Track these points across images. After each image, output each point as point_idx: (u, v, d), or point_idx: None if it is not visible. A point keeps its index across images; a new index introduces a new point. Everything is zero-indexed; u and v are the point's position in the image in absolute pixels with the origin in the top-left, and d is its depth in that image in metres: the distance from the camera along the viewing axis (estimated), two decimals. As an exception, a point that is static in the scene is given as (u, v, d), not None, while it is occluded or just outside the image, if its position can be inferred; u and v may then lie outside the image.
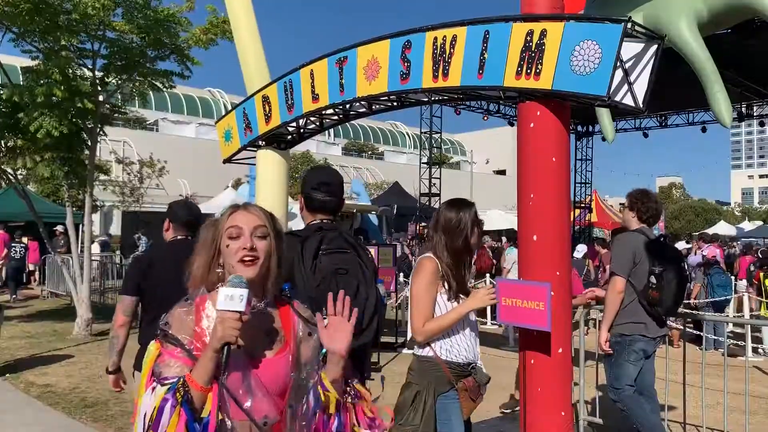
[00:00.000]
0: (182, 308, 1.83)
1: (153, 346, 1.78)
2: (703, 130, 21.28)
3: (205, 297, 1.84)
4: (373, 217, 29.04)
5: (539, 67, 5.00)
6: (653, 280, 4.79)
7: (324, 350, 1.92)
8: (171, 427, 1.59)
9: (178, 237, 4.03)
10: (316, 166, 3.60)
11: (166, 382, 1.66)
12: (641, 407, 4.77)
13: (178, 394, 1.62)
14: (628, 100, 4.94)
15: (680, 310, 5.55)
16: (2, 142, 11.52)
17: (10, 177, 12.17)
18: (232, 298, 1.67)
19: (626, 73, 4.86)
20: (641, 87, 4.96)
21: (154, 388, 1.67)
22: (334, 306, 1.95)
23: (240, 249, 1.80)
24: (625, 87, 4.90)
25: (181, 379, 1.65)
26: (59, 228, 17.32)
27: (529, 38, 5.04)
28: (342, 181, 3.27)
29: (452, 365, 3.21)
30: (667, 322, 5.44)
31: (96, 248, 17.26)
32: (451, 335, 3.24)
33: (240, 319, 1.67)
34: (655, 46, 4.93)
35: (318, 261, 2.77)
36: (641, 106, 4.95)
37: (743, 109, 18.96)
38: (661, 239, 5.24)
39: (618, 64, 4.69)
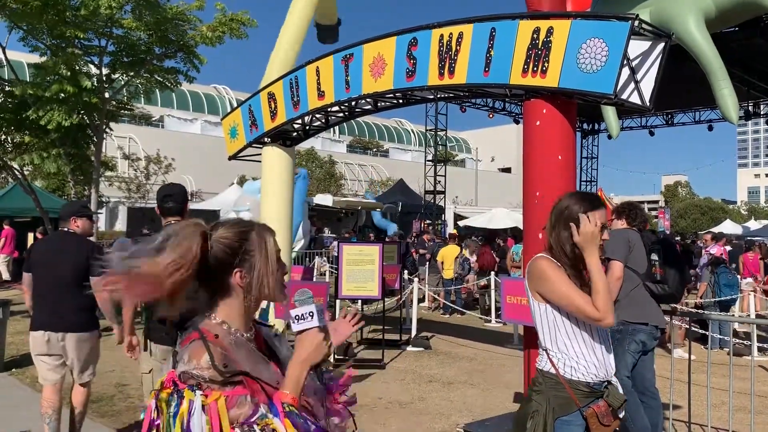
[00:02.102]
0: (216, 343, 1.64)
1: (204, 398, 1.54)
2: (710, 128, 21.20)
3: (206, 328, 1.69)
4: (377, 214, 29.04)
5: (546, 64, 4.99)
6: (654, 257, 4.83)
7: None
8: None
9: (60, 229, 5.04)
10: (164, 185, 4.61)
11: (256, 417, 1.57)
12: (638, 406, 4.76)
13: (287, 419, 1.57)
14: (635, 98, 4.92)
15: (686, 309, 5.54)
16: (9, 138, 11.57)
17: (17, 173, 12.22)
18: (304, 318, 1.69)
19: (633, 71, 4.84)
20: (648, 85, 4.94)
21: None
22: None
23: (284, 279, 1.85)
24: (632, 85, 4.89)
25: (268, 419, 1.58)
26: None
27: (535, 36, 5.03)
28: (183, 190, 4.44)
29: (578, 385, 2.73)
30: (671, 318, 5.44)
31: None
32: (576, 349, 2.76)
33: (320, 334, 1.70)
34: (662, 44, 4.91)
35: None
36: (648, 104, 4.94)
37: (750, 108, 18.90)
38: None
39: (625, 62, 4.68)
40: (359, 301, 10.61)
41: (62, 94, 9.95)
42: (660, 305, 4.95)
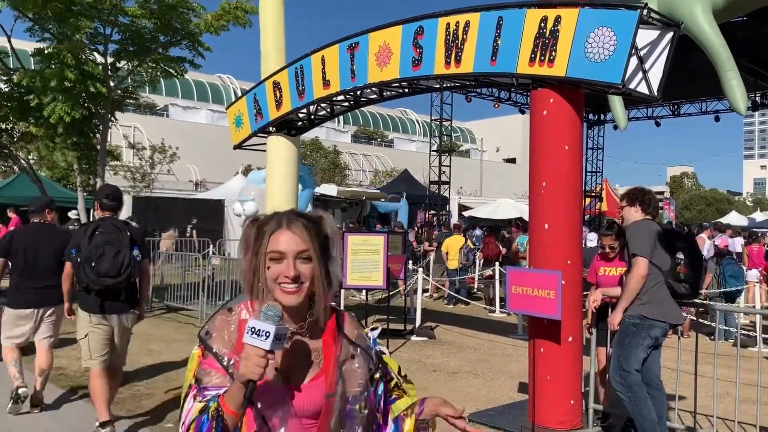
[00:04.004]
0: (225, 317, 1.77)
1: (196, 351, 1.76)
2: (716, 119, 21.04)
3: (248, 306, 1.77)
4: (387, 205, 28.94)
5: (553, 53, 4.96)
6: (680, 255, 4.79)
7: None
8: None
9: (34, 221, 6.01)
10: (104, 185, 5.47)
11: (204, 398, 1.64)
12: (646, 400, 4.75)
13: (213, 421, 1.59)
14: (643, 88, 4.89)
15: (692, 300, 5.53)
16: (15, 128, 11.57)
17: (23, 162, 12.24)
18: (258, 334, 1.54)
19: (641, 61, 4.81)
20: (656, 75, 4.90)
21: (195, 397, 1.66)
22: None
23: (281, 275, 1.67)
24: (640, 75, 4.85)
25: (215, 403, 1.60)
26: (72, 213, 17.42)
27: (543, 24, 4.99)
28: (121, 193, 5.49)
29: None
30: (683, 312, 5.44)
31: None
32: None
33: (265, 356, 1.55)
34: (670, 34, 4.87)
35: (94, 238, 4.98)
36: (656, 94, 4.91)
37: (757, 98, 18.74)
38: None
39: (633, 51, 4.64)
40: (364, 291, 10.63)
41: (66, 83, 9.91)
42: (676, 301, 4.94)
